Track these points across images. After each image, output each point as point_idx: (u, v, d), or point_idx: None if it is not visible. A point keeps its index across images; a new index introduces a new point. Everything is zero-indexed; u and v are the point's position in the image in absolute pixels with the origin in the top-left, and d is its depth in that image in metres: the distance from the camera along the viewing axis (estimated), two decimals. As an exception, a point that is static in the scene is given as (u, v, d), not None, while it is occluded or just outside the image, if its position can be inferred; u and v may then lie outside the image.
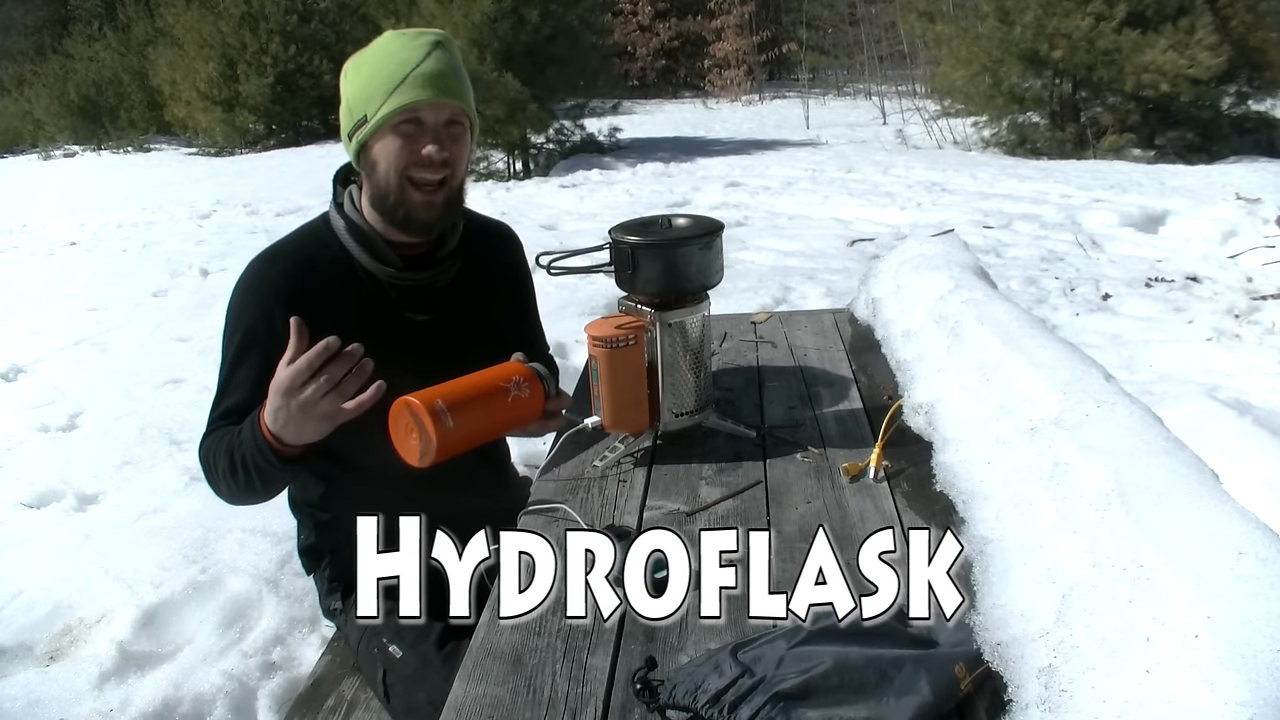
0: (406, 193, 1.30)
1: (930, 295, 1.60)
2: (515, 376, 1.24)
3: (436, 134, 1.28)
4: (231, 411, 1.33)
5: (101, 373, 4.28)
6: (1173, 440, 0.93)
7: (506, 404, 1.22)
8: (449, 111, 1.29)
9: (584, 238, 5.95)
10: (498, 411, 1.22)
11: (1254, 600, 0.66)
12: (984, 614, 0.86)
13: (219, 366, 1.37)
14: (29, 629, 2.21)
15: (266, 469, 1.21)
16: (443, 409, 1.14)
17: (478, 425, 1.21)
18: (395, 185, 1.29)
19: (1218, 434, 2.45)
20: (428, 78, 1.26)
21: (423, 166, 1.28)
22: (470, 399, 1.19)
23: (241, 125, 17.96)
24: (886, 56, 17.49)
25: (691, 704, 0.79)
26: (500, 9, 10.64)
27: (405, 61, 1.26)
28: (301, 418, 1.13)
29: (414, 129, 1.27)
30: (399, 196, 1.30)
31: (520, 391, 1.23)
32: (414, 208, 1.31)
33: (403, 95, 1.25)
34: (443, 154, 1.29)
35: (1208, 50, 8.34)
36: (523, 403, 1.24)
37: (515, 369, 1.26)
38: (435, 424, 1.13)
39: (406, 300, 1.39)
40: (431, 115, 1.28)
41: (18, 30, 28.37)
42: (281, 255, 1.37)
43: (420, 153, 1.27)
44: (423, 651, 1.30)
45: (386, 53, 1.28)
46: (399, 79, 1.25)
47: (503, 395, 1.22)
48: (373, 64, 1.28)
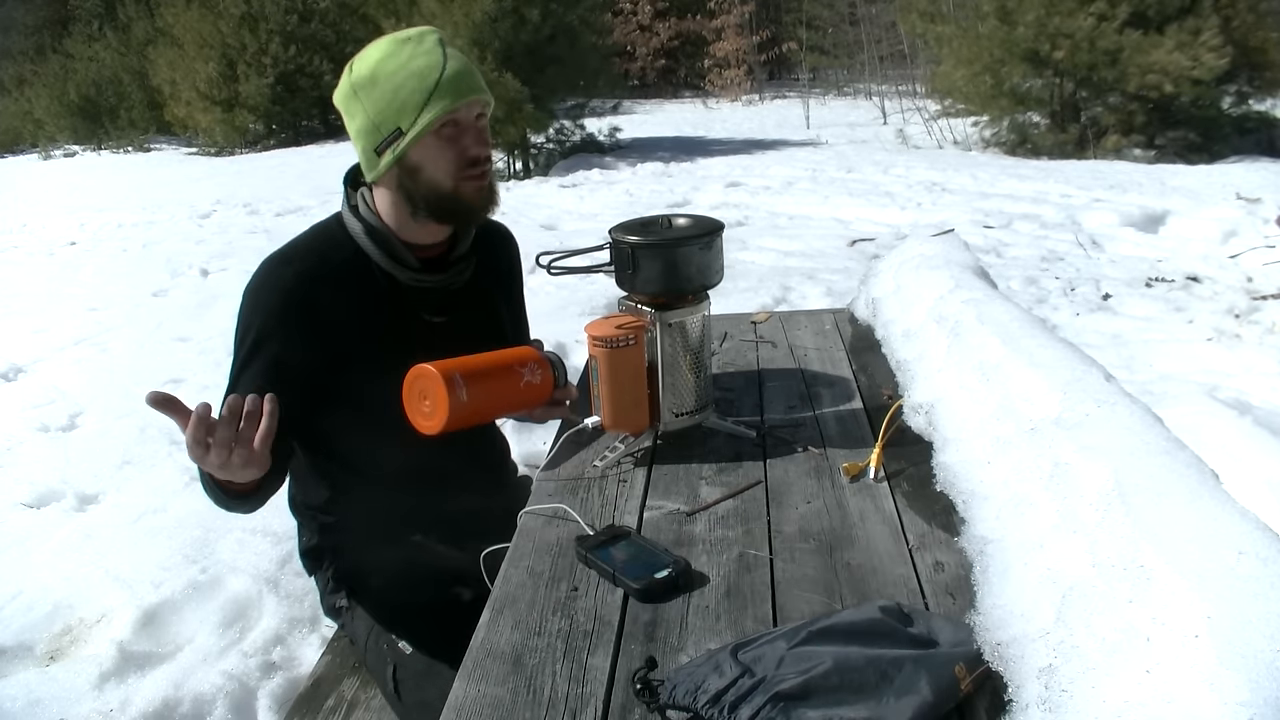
0: (461, 188, 1.33)
1: (930, 295, 1.60)
2: (530, 361, 1.28)
3: (476, 131, 1.32)
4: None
5: (101, 373, 4.28)
6: (1173, 440, 0.93)
7: (518, 386, 1.26)
8: (480, 106, 1.33)
9: (584, 238, 5.95)
10: (509, 391, 1.26)
11: (1254, 600, 0.66)
12: (984, 614, 0.86)
13: (231, 366, 1.35)
14: (29, 629, 2.21)
15: (229, 503, 1.27)
16: (459, 380, 1.17)
17: (488, 402, 1.24)
18: (450, 186, 1.32)
19: (1218, 434, 2.45)
20: (457, 79, 1.28)
21: (470, 164, 1.32)
22: (485, 374, 1.22)
23: (241, 125, 17.95)
24: (887, 56, 17.48)
25: (691, 704, 0.79)
26: (500, 9, 10.63)
27: (429, 68, 1.26)
28: (221, 470, 1.11)
29: (454, 130, 1.30)
30: (454, 194, 1.33)
31: (532, 376, 1.27)
32: (470, 199, 1.34)
33: (442, 102, 1.26)
34: (486, 149, 1.34)
35: (1211, 51, 8.34)
36: (533, 388, 1.27)
37: (530, 353, 1.30)
38: (450, 393, 1.16)
39: (423, 302, 1.40)
40: (467, 114, 1.31)
41: (18, 30, 28.36)
42: (296, 256, 1.36)
43: (467, 153, 1.31)
44: (433, 647, 1.30)
45: (402, 62, 1.27)
46: (430, 86, 1.26)
47: (516, 377, 1.26)
48: (393, 75, 1.27)
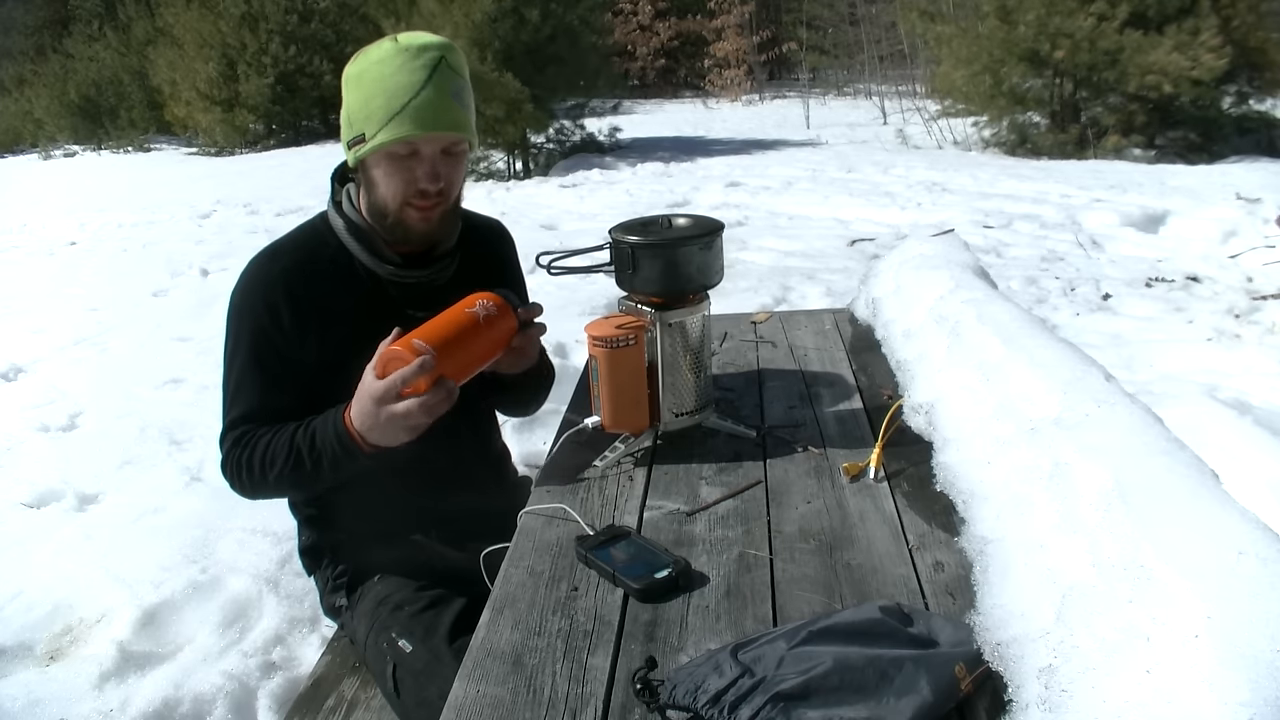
0: (404, 213, 1.32)
1: (930, 295, 1.60)
2: (479, 300, 1.24)
3: (433, 164, 1.29)
4: (251, 415, 1.32)
5: (101, 373, 4.28)
6: (1173, 440, 0.93)
7: (479, 325, 1.22)
8: (447, 140, 1.29)
9: (584, 238, 5.95)
10: (475, 336, 1.22)
11: (1254, 600, 0.66)
12: (984, 614, 0.86)
13: (224, 365, 1.36)
14: (29, 629, 2.21)
15: (346, 461, 1.22)
16: (421, 345, 1.14)
17: (462, 355, 1.20)
18: (394, 208, 1.31)
19: (1218, 434, 2.45)
20: (426, 109, 1.24)
21: (417, 195, 1.30)
22: (444, 330, 1.19)
23: (241, 125, 17.96)
24: (887, 56, 17.49)
25: (691, 704, 0.79)
26: (500, 8, 10.62)
27: (407, 86, 1.23)
28: (388, 425, 1.15)
29: (411, 158, 1.28)
30: (396, 217, 1.32)
31: (488, 311, 1.23)
32: (411, 224, 1.33)
33: (399, 127, 1.24)
34: (438, 184, 1.30)
35: (1211, 52, 8.33)
36: (494, 321, 1.24)
37: (477, 295, 1.26)
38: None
39: (407, 297, 1.39)
40: (429, 146, 1.28)
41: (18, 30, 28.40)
42: (283, 253, 1.37)
43: (416, 184, 1.29)
44: (433, 646, 1.30)
45: (387, 72, 1.25)
46: (398, 107, 1.23)
47: (473, 320, 1.22)
48: (374, 82, 1.26)
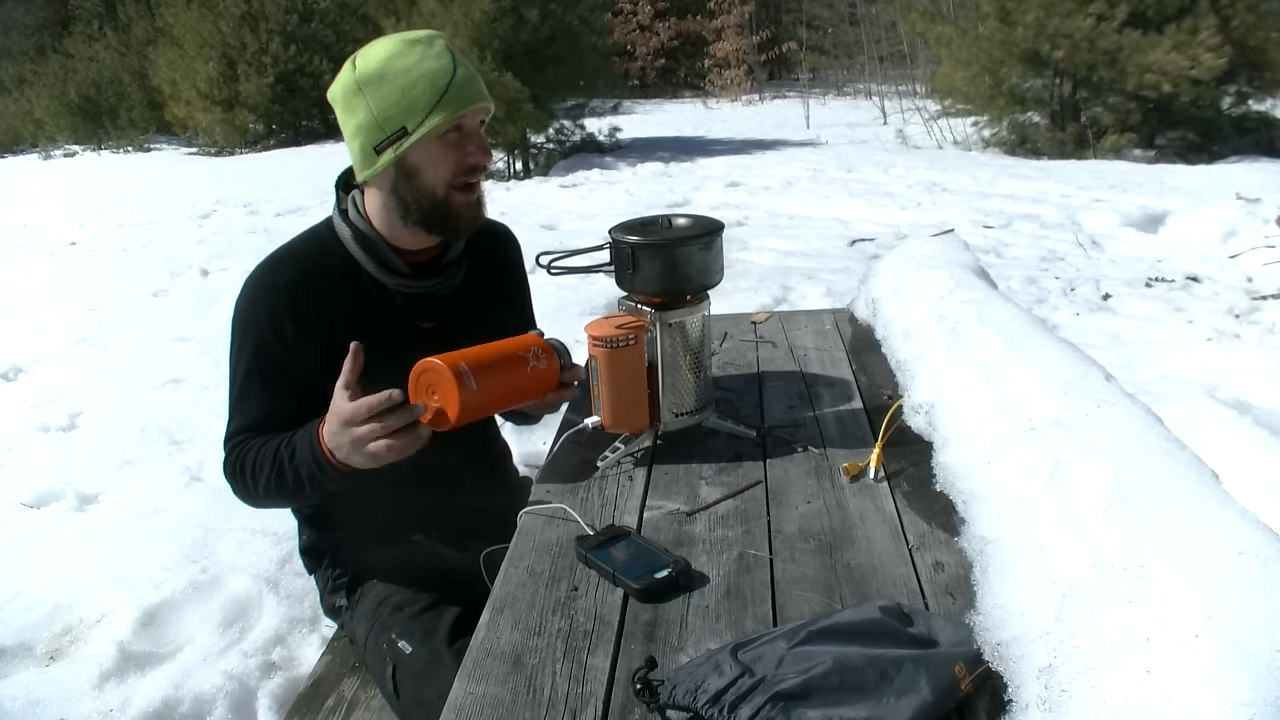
0: (451, 196, 1.33)
1: (930, 295, 1.60)
2: (534, 347, 1.28)
3: (479, 138, 1.33)
4: (252, 425, 1.34)
5: (101, 373, 4.28)
6: (1173, 440, 0.93)
7: (525, 373, 1.25)
8: (483, 113, 1.34)
9: (584, 238, 5.95)
10: (517, 379, 1.25)
11: (1254, 600, 0.66)
12: (984, 614, 0.86)
13: (229, 375, 1.36)
14: (29, 629, 2.21)
15: (322, 480, 1.25)
16: (466, 371, 1.16)
17: (497, 392, 1.23)
18: (442, 192, 1.32)
19: (1218, 434, 2.45)
20: (466, 85, 1.29)
21: (469, 171, 1.33)
22: (492, 364, 1.21)
23: (241, 125, 17.96)
24: (886, 56, 17.50)
25: (691, 704, 0.79)
26: (500, 8, 10.62)
27: (440, 70, 1.27)
28: (352, 448, 1.17)
29: (458, 136, 1.31)
30: (444, 201, 1.33)
31: (538, 362, 1.27)
32: (459, 209, 1.35)
33: (451, 106, 1.27)
34: (488, 157, 1.36)
35: (1210, 51, 8.34)
36: (540, 373, 1.27)
37: (534, 340, 1.29)
38: (459, 385, 1.15)
39: (414, 307, 1.40)
40: (471, 120, 1.32)
41: (18, 30, 28.40)
42: (288, 263, 1.36)
43: (469, 159, 1.32)
44: (432, 647, 1.30)
45: (413, 61, 1.28)
46: (441, 89, 1.26)
47: (522, 364, 1.25)
48: (404, 73, 1.27)
